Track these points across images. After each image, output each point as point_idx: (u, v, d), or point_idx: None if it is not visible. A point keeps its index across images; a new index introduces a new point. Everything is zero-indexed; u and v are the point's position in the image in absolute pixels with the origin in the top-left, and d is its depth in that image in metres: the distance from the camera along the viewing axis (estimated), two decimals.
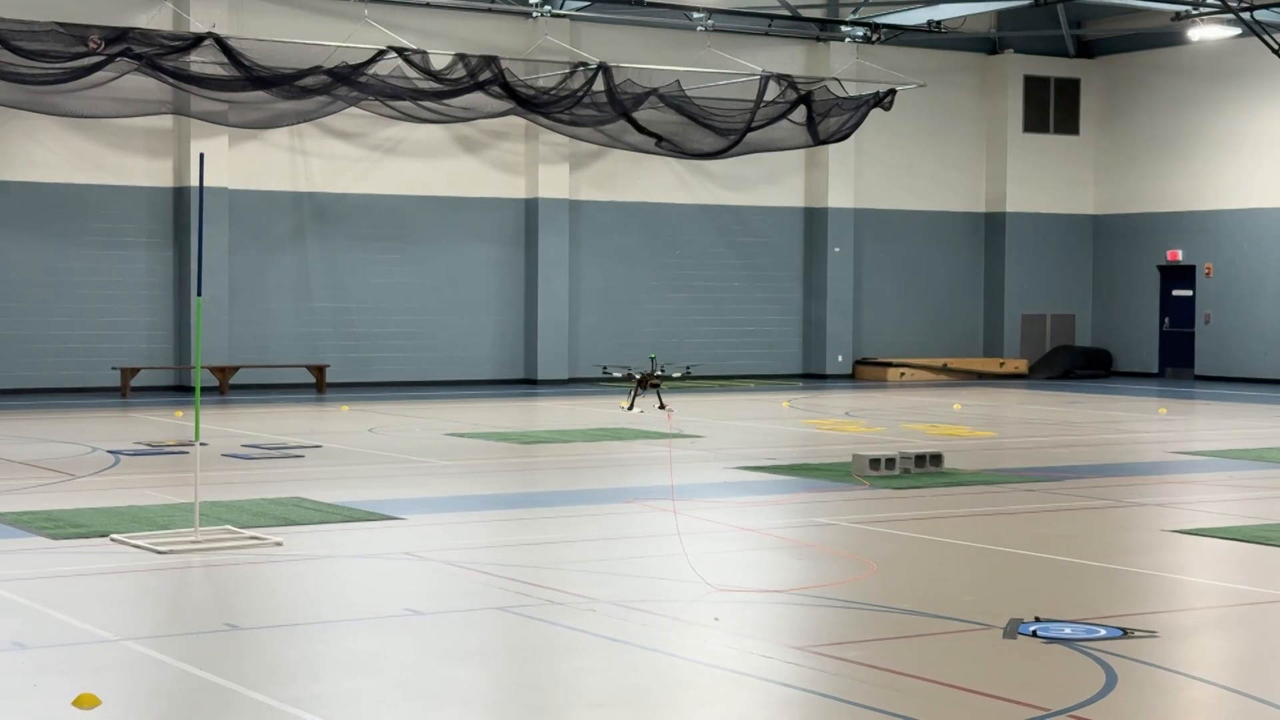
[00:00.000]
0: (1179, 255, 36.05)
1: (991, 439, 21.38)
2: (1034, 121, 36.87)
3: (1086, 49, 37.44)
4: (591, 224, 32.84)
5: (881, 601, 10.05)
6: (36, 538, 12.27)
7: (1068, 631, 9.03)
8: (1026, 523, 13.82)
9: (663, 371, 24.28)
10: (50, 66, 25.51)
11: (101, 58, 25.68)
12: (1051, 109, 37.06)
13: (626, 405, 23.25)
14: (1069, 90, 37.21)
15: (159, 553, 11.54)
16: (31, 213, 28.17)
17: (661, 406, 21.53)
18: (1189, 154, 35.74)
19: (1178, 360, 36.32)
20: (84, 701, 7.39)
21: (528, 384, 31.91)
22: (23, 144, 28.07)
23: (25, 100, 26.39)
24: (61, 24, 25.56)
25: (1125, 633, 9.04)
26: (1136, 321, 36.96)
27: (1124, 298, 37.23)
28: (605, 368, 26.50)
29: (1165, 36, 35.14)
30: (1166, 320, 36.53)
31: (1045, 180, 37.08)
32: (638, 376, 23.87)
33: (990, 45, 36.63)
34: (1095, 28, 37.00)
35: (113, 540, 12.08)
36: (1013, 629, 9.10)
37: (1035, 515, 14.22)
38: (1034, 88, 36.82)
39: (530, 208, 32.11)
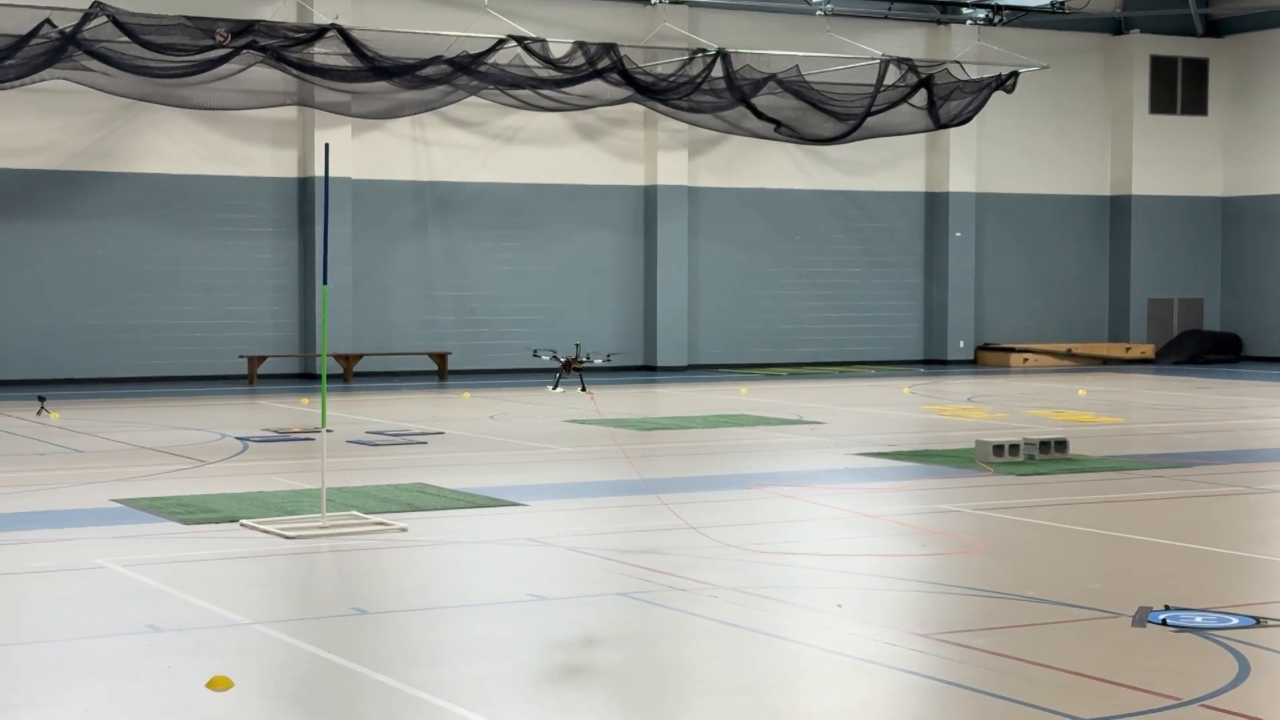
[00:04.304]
0: None
1: (1118, 425, 21.07)
2: (1161, 102, 36.23)
3: (1215, 28, 36.71)
4: (710, 210, 32.80)
5: (1007, 589, 9.94)
6: (169, 523, 12.50)
7: (1199, 620, 8.88)
8: (1154, 509, 13.60)
9: (587, 358, 25.75)
10: (178, 60, 25.97)
11: (228, 50, 26.10)
12: (1179, 89, 36.40)
13: (552, 387, 25.79)
14: (1197, 70, 36.53)
15: (287, 538, 11.71)
16: (159, 204, 28.69)
17: (584, 389, 23.21)
18: None
19: None
20: (217, 683, 7.52)
21: (647, 370, 31.97)
22: (151, 136, 28.59)
23: (153, 93, 26.91)
24: (189, 17, 26.00)
25: (1258, 621, 8.87)
26: (1267, 305, 36.20)
27: (1254, 281, 36.49)
28: (536, 351, 27.11)
29: None
30: None
31: (1172, 162, 36.44)
32: (562, 360, 25.76)
33: (1115, 25, 36.04)
34: (1224, 6, 36.27)
35: (242, 525, 12.28)
36: (1142, 617, 8.96)
37: (1163, 502, 13.99)
38: (1160, 68, 36.18)
39: (649, 194, 32.14)
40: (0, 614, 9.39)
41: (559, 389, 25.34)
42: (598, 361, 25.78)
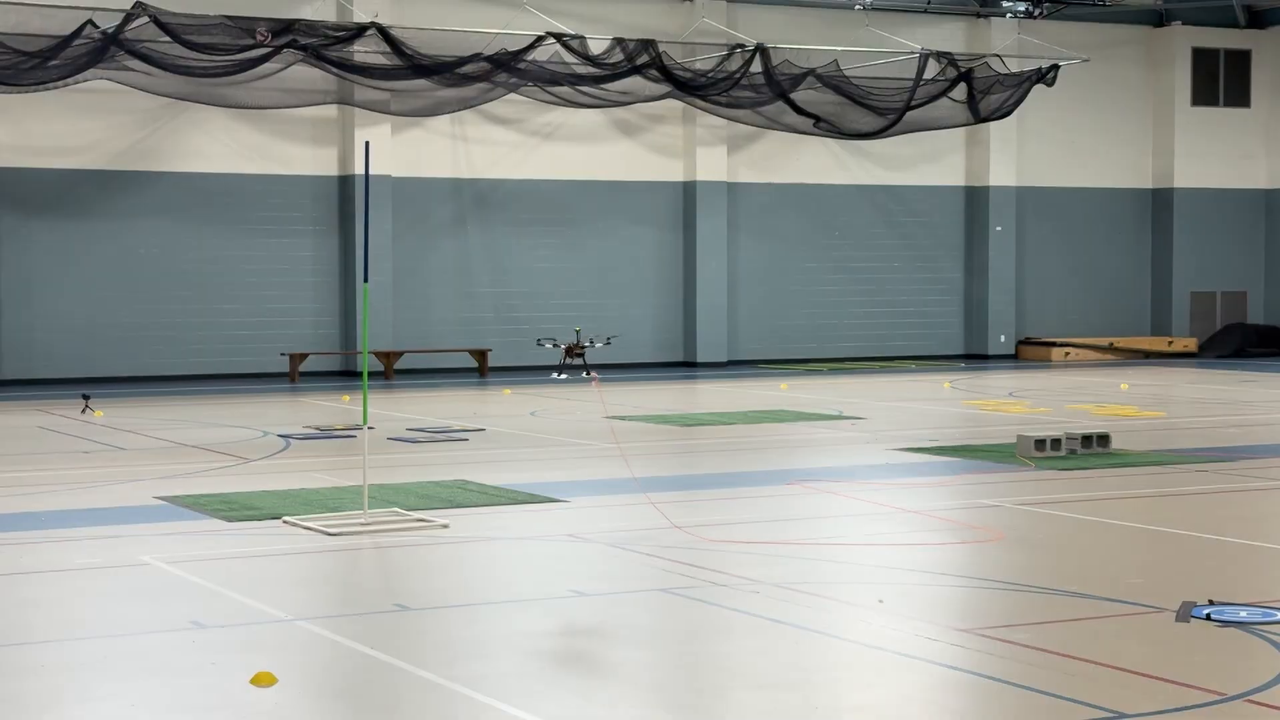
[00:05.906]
0: None
1: (1161, 419, 20.96)
2: (1203, 94, 35.98)
3: (1257, 19, 36.43)
4: (749, 206, 32.77)
5: (1048, 584, 9.91)
6: (212, 520, 12.58)
7: (1243, 615, 8.83)
8: (1198, 504, 13.53)
9: (589, 343, 26.57)
10: (219, 59, 26.11)
11: (268, 49, 26.23)
12: (1221, 81, 36.14)
13: (556, 374, 26.99)
14: (1239, 62, 36.26)
15: (330, 534, 11.77)
16: (201, 203, 28.84)
17: (587, 373, 24.09)
18: None
19: None
20: (261, 679, 7.57)
21: (687, 366, 31.97)
22: (192, 136, 28.75)
23: (195, 93, 27.06)
24: (230, 17, 26.15)
25: None
26: None
27: None
28: (540, 340, 27.54)
29: None
30: None
31: (1215, 155, 36.18)
32: (564, 346, 26.76)
33: (1156, 17, 35.82)
34: None
35: (285, 522, 12.35)
36: (1185, 612, 8.92)
37: (1207, 496, 13.92)
38: (1203, 60, 35.94)
39: (688, 190, 32.13)
40: (46, 610, 9.47)
41: (563, 375, 25.99)
42: (598, 346, 26.03)
